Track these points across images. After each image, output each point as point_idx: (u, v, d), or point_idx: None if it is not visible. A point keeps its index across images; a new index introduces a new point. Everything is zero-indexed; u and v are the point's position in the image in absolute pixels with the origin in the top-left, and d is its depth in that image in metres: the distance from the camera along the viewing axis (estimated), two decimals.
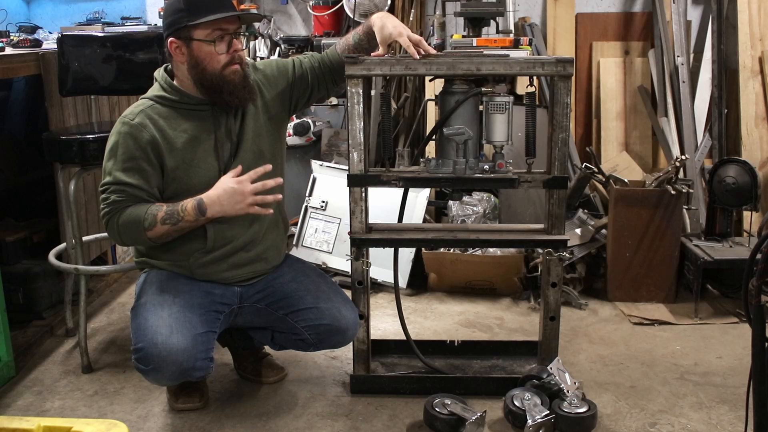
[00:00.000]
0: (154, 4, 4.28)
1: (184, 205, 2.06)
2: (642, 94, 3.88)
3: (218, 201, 2.05)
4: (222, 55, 2.08)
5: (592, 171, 3.18)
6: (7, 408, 2.34)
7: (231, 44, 2.09)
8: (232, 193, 2.04)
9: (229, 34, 2.08)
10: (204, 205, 2.05)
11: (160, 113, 2.12)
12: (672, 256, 3.12)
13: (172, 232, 2.10)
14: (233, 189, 2.04)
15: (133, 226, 2.08)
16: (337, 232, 3.45)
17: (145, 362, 2.03)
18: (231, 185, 2.05)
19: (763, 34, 3.72)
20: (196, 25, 2.04)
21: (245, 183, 2.05)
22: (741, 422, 2.13)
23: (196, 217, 2.07)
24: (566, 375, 2.23)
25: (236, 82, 2.10)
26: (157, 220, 2.06)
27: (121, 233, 2.11)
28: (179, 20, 2.06)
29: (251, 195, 2.05)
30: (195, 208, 2.06)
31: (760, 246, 1.49)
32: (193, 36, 2.06)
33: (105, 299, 3.26)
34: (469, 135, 2.19)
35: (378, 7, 3.89)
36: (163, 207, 2.08)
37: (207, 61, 2.08)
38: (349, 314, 2.26)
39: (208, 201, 2.05)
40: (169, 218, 2.06)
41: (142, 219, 2.06)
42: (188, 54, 2.09)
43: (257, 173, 2.07)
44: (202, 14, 2.04)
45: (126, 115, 2.12)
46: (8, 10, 4.11)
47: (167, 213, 2.07)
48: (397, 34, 2.13)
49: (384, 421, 2.25)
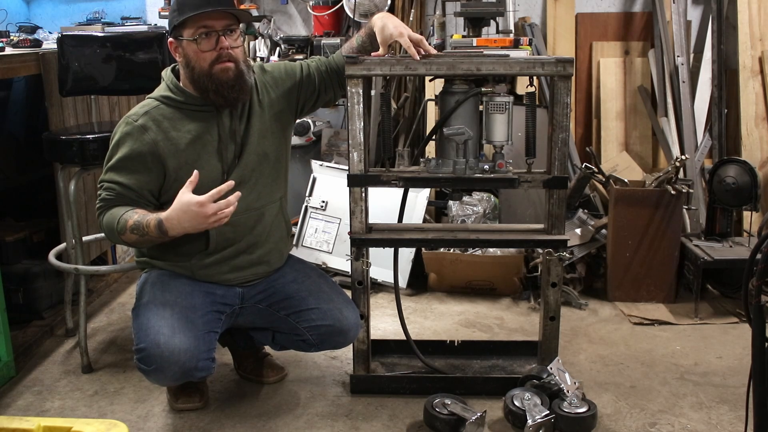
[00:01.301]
0: (154, 4, 4.28)
1: (148, 222, 2.02)
2: (642, 94, 3.88)
3: (178, 222, 2.00)
4: (207, 52, 2.06)
5: (592, 171, 3.18)
6: (7, 408, 2.34)
7: (218, 42, 2.06)
8: (193, 215, 1.97)
9: (215, 32, 2.06)
10: (164, 225, 2.01)
11: (165, 114, 2.12)
12: (672, 256, 3.12)
13: (141, 243, 2.10)
14: (194, 212, 1.97)
15: (110, 228, 2.09)
16: (337, 232, 3.45)
17: (147, 362, 2.03)
18: (192, 209, 1.96)
19: (763, 34, 3.72)
20: (183, 24, 2.05)
21: (207, 206, 1.96)
22: (741, 422, 2.14)
23: (158, 236, 2.03)
24: (566, 375, 2.23)
25: (224, 80, 2.07)
26: (126, 228, 2.05)
27: (105, 232, 2.14)
28: (172, 20, 2.09)
29: (213, 214, 1.98)
30: (156, 227, 2.02)
31: (760, 246, 1.49)
32: (182, 35, 2.07)
33: (105, 299, 3.26)
34: (469, 135, 2.19)
35: (378, 7, 3.89)
36: (135, 216, 2.04)
37: (195, 60, 2.07)
38: (350, 315, 2.26)
39: (168, 223, 2.00)
40: (137, 229, 2.04)
41: (116, 222, 2.06)
42: (182, 53, 2.10)
43: (220, 192, 1.98)
44: (187, 13, 2.04)
45: (130, 115, 2.12)
46: (8, 10, 4.11)
47: (136, 223, 2.04)
48: (397, 34, 2.13)
49: (384, 421, 2.25)
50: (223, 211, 1.98)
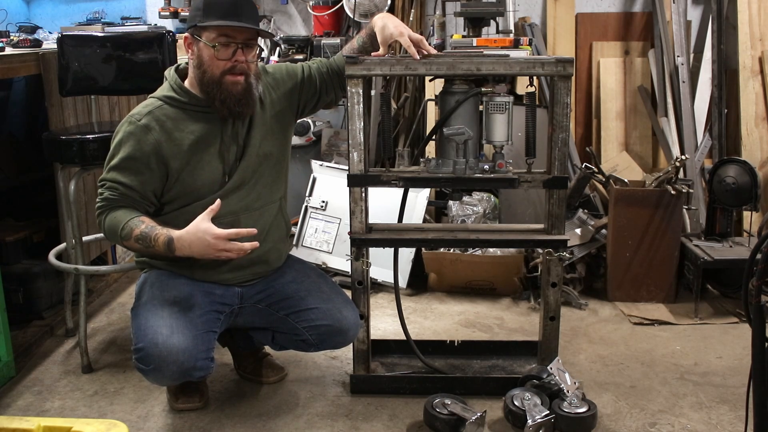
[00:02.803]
0: (154, 4, 4.29)
1: (157, 235, 2.04)
2: (642, 94, 3.88)
3: (189, 246, 2.02)
4: (222, 61, 2.07)
5: (592, 171, 3.18)
6: (7, 408, 2.34)
7: (235, 53, 2.07)
8: (206, 245, 2.00)
9: (235, 43, 2.07)
10: (174, 245, 2.03)
11: (168, 114, 2.12)
12: (672, 256, 3.12)
13: (142, 252, 2.12)
14: (208, 243, 2.00)
15: (113, 231, 2.09)
16: (337, 232, 3.45)
17: (145, 362, 2.03)
18: (207, 239, 1.99)
19: (763, 34, 3.72)
20: (205, 27, 2.06)
21: (221, 242, 1.99)
22: (741, 422, 2.14)
23: (165, 252, 2.05)
24: (566, 375, 2.23)
25: (233, 93, 2.08)
26: (132, 236, 2.06)
27: (105, 232, 2.14)
28: (194, 18, 2.10)
29: (223, 250, 2.01)
30: (165, 244, 2.03)
31: (760, 246, 1.49)
32: (201, 36, 2.08)
33: (105, 299, 3.26)
34: (469, 135, 2.19)
35: (378, 7, 3.89)
36: (142, 225, 2.06)
37: (207, 64, 2.08)
38: (350, 315, 2.26)
39: (179, 244, 2.02)
40: (142, 240, 2.05)
41: (120, 228, 2.06)
42: (196, 52, 2.10)
43: (239, 234, 2.01)
44: (212, 18, 2.05)
45: (133, 115, 2.12)
46: (8, 10, 4.11)
47: (142, 233, 2.05)
48: (397, 34, 2.14)
49: (384, 421, 2.25)
50: (231, 252, 2.02)
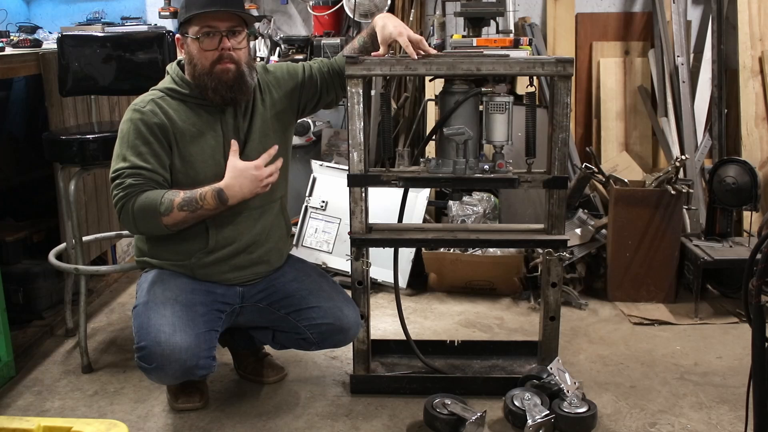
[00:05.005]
0: (154, 4, 4.28)
1: (203, 194, 2.06)
2: (642, 94, 3.87)
3: (240, 188, 2.07)
4: (209, 51, 2.08)
5: (592, 171, 3.18)
6: (7, 408, 2.34)
7: (221, 42, 2.08)
8: (252, 179, 2.08)
9: (219, 32, 2.08)
10: (225, 194, 2.06)
11: (170, 105, 2.14)
12: (672, 256, 3.12)
13: (189, 219, 2.09)
14: (253, 176, 2.08)
15: (149, 211, 2.05)
16: (337, 232, 3.45)
17: (148, 361, 2.03)
18: (252, 172, 2.08)
19: (763, 34, 3.72)
20: (189, 22, 2.08)
21: (262, 169, 2.09)
22: (741, 422, 2.13)
23: (216, 206, 2.07)
24: (566, 375, 2.23)
25: (223, 80, 2.09)
26: (174, 206, 2.04)
27: (136, 219, 2.08)
28: (180, 16, 2.12)
29: (267, 176, 2.11)
30: (215, 197, 2.06)
31: (760, 246, 1.49)
32: (188, 32, 2.10)
33: (105, 299, 3.26)
34: (469, 135, 2.19)
35: (378, 8, 3.88)
36: (180, 193, 2.07)
37: (197, 58, 2.10)
38: (350, 313, 2.27)
39: (229, 191, 2.06)
40: (187, 205, 2.05)
41: (158, 204, 2.04)
42: (186, 50, 2.13)
43: (270, 155, 2.13)
44: (191, 10, 2.07)
45: (137, 103, 2.13)
46: (8, 10, 4.10)
47: (185, 199, 2.05)
48: (397, 34, 2.14)
49: (384, 421, 2.25)
50: (272, 174, 2.11)
